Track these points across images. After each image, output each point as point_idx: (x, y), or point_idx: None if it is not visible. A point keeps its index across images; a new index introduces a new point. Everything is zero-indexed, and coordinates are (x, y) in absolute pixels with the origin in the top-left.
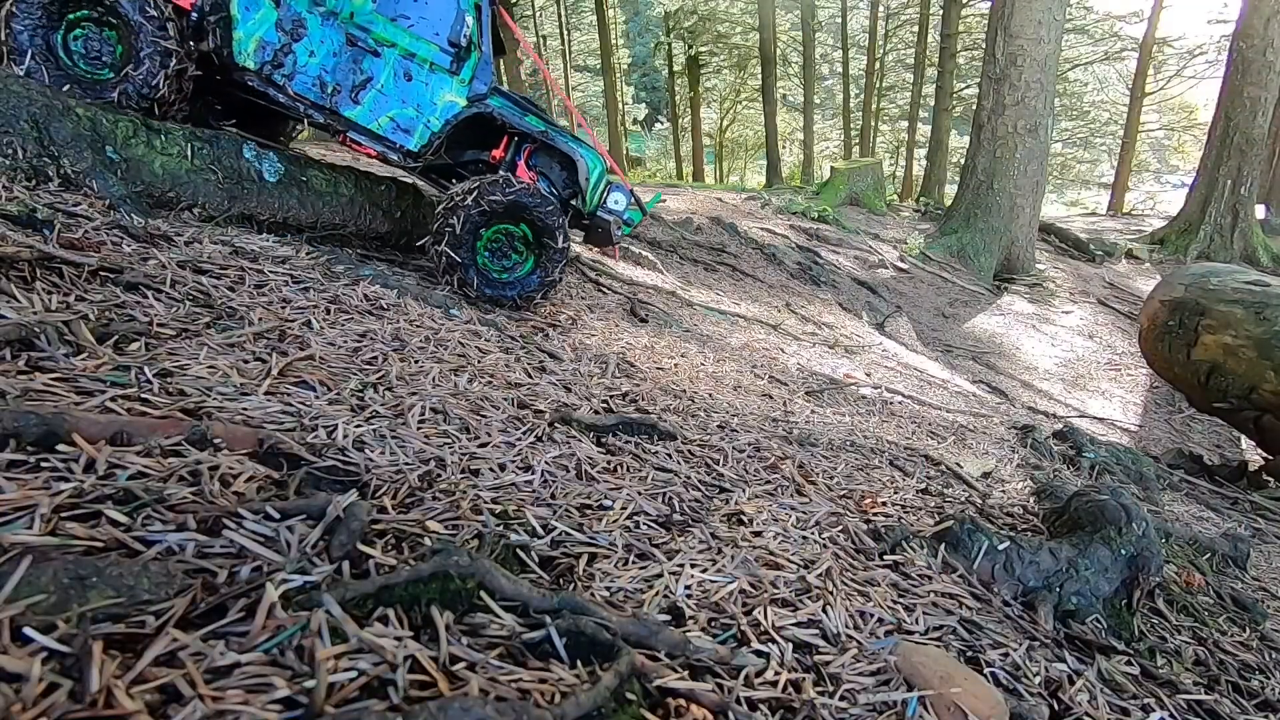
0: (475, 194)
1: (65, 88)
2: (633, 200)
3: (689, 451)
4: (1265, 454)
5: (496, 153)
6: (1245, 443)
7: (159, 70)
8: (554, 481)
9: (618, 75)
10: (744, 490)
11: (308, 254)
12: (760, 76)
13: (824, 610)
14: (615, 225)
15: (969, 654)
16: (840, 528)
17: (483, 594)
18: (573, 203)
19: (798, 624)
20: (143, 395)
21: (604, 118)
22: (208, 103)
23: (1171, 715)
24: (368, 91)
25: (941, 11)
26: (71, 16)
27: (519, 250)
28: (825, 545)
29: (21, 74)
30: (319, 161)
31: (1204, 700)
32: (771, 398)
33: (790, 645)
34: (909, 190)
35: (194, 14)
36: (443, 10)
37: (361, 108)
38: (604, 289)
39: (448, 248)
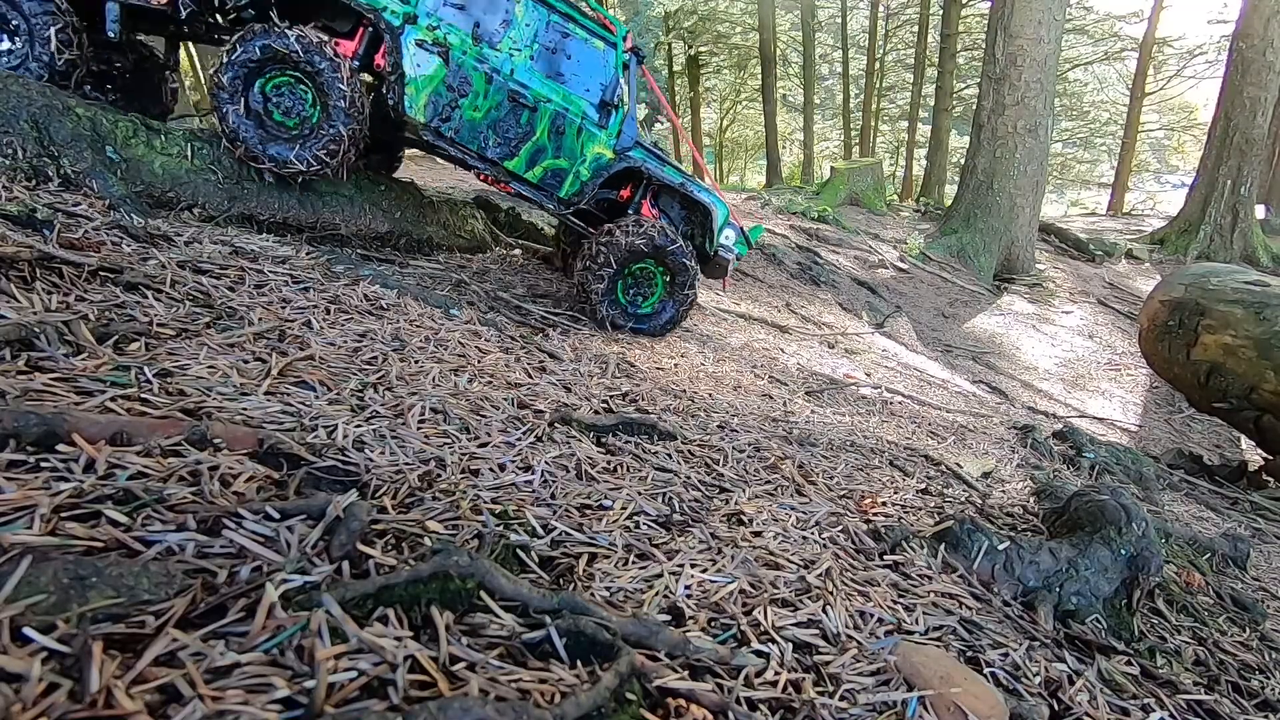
0: (623, 234)
1: (263, 141)
2: (740, 234)
3: (689, 451)
4: (1265, 454)
5: (624, 192)
6: (1245, 443)
7: (348, 125)
8: (554, 481)
9: None
10: (744, 490)
11: (308, 254)
12: (760, 76)
13: (824, 610)
14: (729, 259)
15: (969, 654)
16: (840, 528)
17: (483, 594)
18: (695, 240)
19: (798, 624)
20: (143, 395)
21: None
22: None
23: (1171, 715)
24: (525, 144)
25: (941, 11)
26: (269, 78)
27: (654, 286)
28: (825, 545)
29: (230, 130)
30: None
31: (1204, 700)
32: (771, 398)
33: (790, 645)
34: (909, 190)
35: (355, 60)
36: (594, 69)
37: (519, 159)
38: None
39: (595, 282)
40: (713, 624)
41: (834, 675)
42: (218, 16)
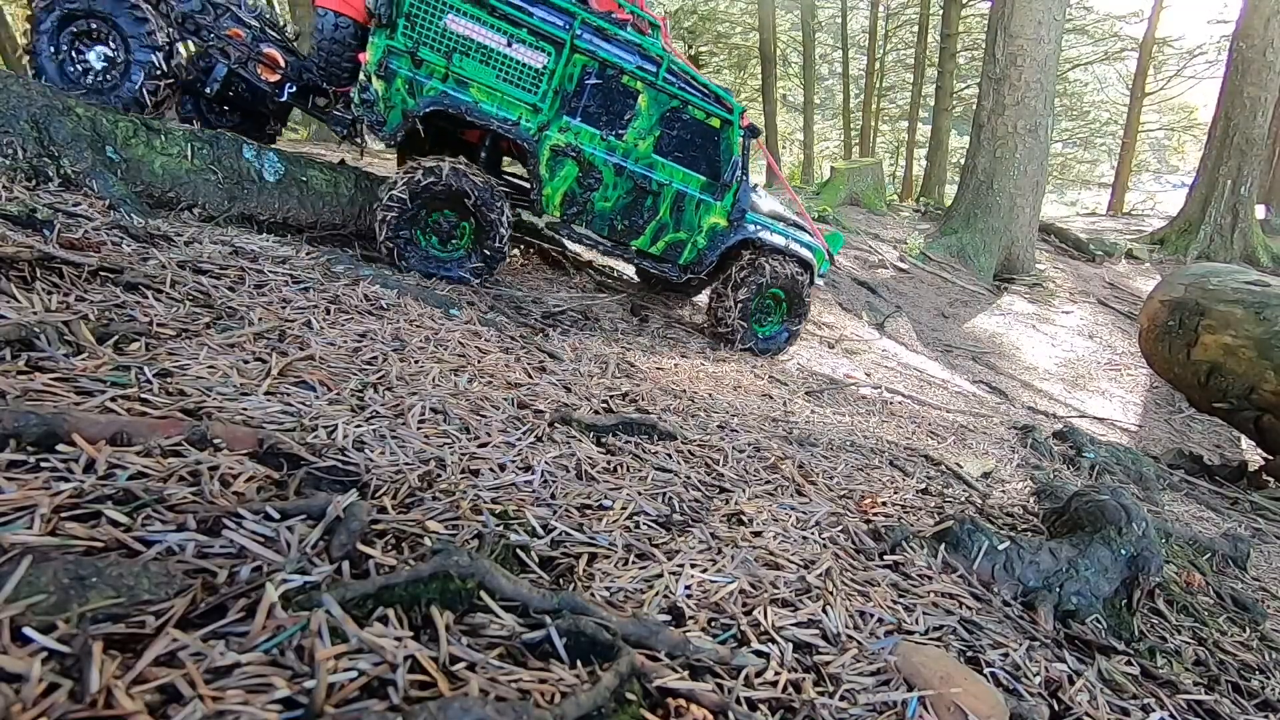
0: (759, 272)
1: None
2: (826, 255)
3: (689, 451)
4: (1265, 454)
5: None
6: (1245, 443)
7: (502, 240)
8: (554, 481)
9: None
10: (744, 490)
11: (308, 254)
12: (760, 76)
13: (824, 610)
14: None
15: (969, 654)
16: (840, 528)
17: (483, 594)
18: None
19: (798, 624)
20: (143, 395)
21: None
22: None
23: (1171, 715)
24: (650, 224)
25: (941, 11)
26: (435, 215)
27: (775, 312)
28: (825, 545)
29: (404, 269)
30: (319, 161)
31: (1204, 700)
32: (771, 398)
33: (790, 645)
34: (909, 190)
35: (482, 152)
36: (711, 146)
37: (644, 237)
38: (607, 289)
39: (738, 317)
40: (713, 624)
41: (834, 675)
42: (315, 99)
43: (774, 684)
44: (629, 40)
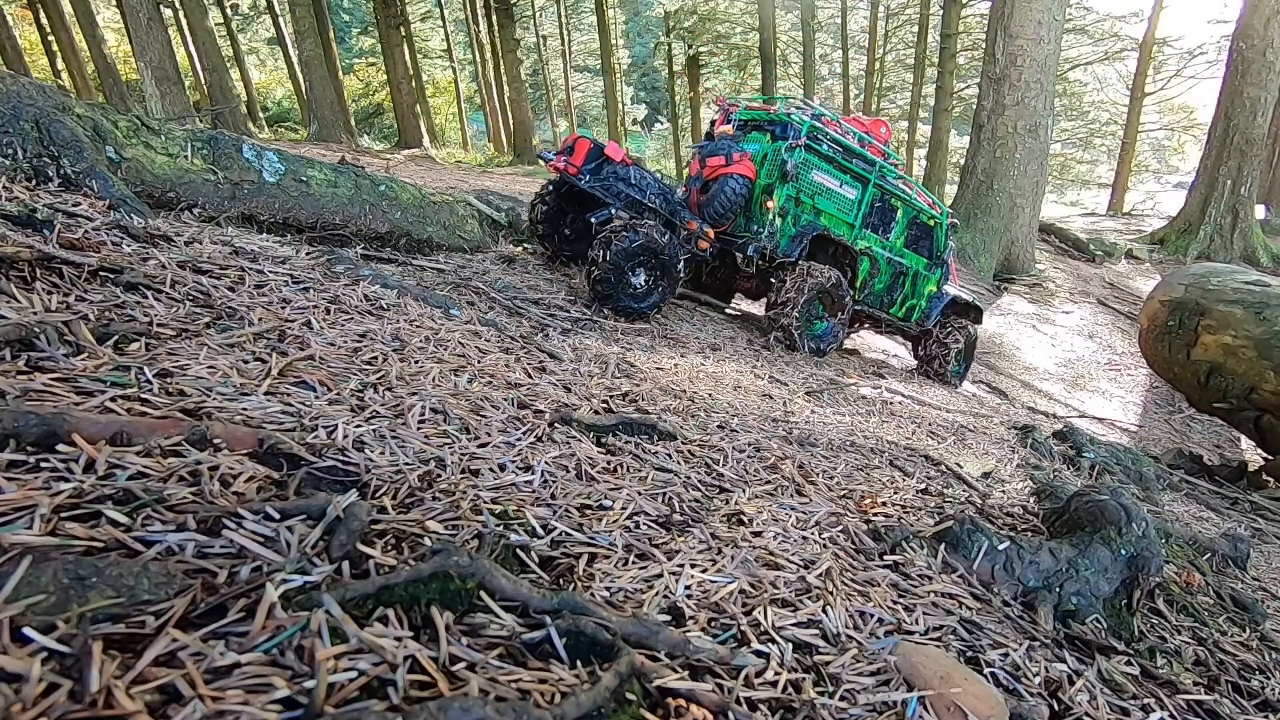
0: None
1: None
2: None
3: (689, 451)
4: (1265, 454)
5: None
6: (1245, 443)
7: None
8: (554, 481)
9: (618, 75)
10: (744, 490)
11: (308, 254)
12: (760, 76)
13: (824, 610)
14: None
15: (969, 654)
16: (840, 528)
17: (483, 594)
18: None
19: (798, 624)
20: (143, 395)
21: (604, 118)
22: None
23: (1171, 715)
24: (899, 294)
25: (941, 11)
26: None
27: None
28: (825, 545)
29: None
30: (319, 161)
31: (1204, 700)
32: (771, 398)
33: (790, 645)
34: None
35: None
36: (929, 240)
37: (896, 306)
38: None
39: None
40: (713, 624)
41: (834, 675)
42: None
43: (774, 684)
44: (896, 175)
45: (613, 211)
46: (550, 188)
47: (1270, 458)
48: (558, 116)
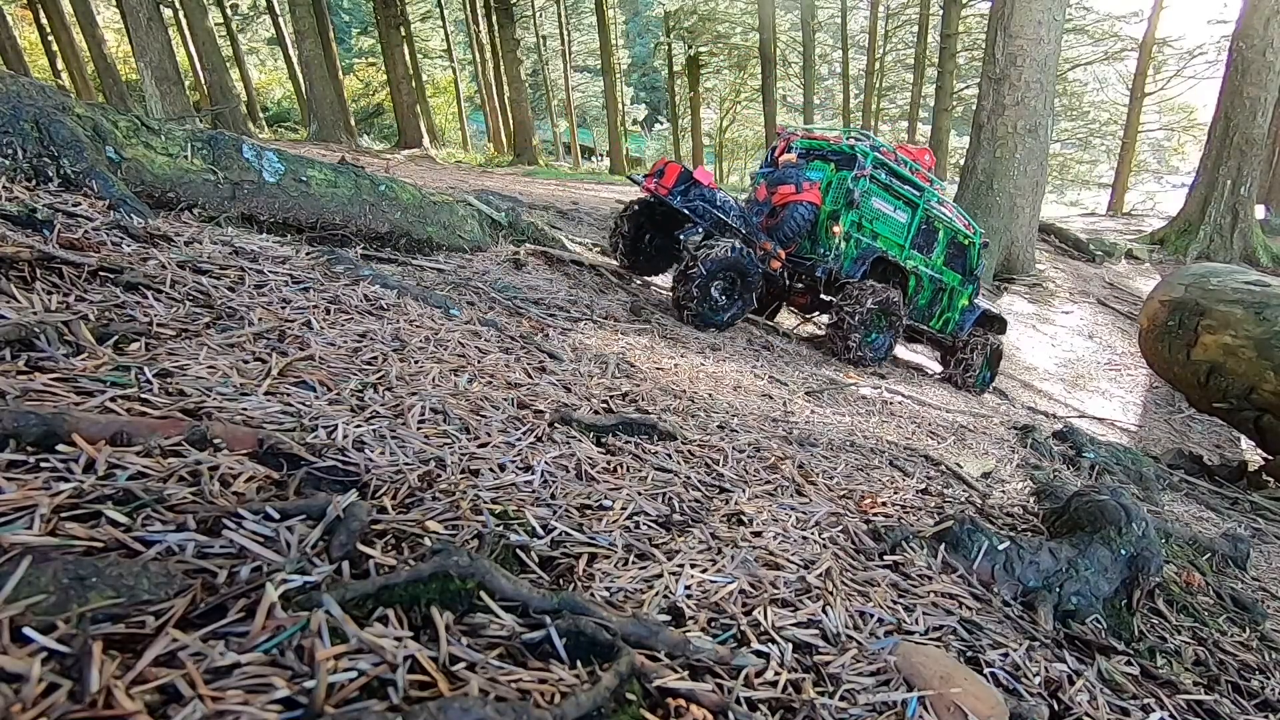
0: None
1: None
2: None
3: (689, 451)
4: (1265, 454)
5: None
6: (1245, 443)
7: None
8: (554, 481)
9: (617, 75)
10: (744, 490)
11: (308, 254)
12: (760, 76)
13: (824, 610)
14: None
15: (969, 654)
16: (840, 528)
17: (483, 594)
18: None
19: (798, 624)
20: (143, 395)
21: (604, 118)
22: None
23: (1171, 715)
24: (937, 308)
25: (941, 11)
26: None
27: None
28: (825, 545)
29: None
30: (319, 161)
31: (1204, 700)
32: (771, 398)
33: (790, 645)
34: None
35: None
36: (963, 254)
37: (935, 320)
38: (607, 289)
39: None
40: (713, 624)
41: (834, 675)
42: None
43: (774, 684)
44: (939, 199)
45: (700, 230)
46: (636, 207)
47: (1270, 458)
48: (558, 116)
